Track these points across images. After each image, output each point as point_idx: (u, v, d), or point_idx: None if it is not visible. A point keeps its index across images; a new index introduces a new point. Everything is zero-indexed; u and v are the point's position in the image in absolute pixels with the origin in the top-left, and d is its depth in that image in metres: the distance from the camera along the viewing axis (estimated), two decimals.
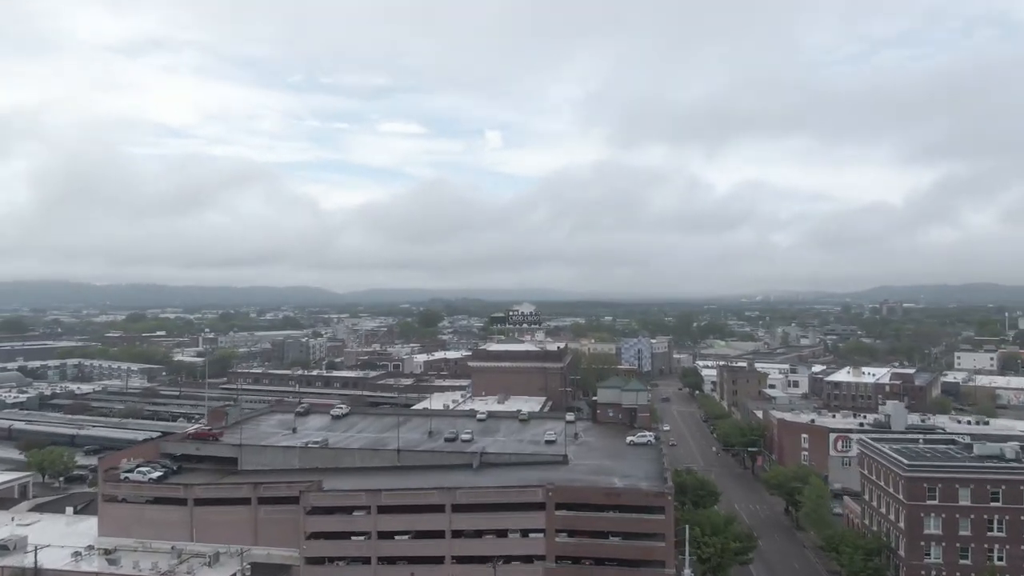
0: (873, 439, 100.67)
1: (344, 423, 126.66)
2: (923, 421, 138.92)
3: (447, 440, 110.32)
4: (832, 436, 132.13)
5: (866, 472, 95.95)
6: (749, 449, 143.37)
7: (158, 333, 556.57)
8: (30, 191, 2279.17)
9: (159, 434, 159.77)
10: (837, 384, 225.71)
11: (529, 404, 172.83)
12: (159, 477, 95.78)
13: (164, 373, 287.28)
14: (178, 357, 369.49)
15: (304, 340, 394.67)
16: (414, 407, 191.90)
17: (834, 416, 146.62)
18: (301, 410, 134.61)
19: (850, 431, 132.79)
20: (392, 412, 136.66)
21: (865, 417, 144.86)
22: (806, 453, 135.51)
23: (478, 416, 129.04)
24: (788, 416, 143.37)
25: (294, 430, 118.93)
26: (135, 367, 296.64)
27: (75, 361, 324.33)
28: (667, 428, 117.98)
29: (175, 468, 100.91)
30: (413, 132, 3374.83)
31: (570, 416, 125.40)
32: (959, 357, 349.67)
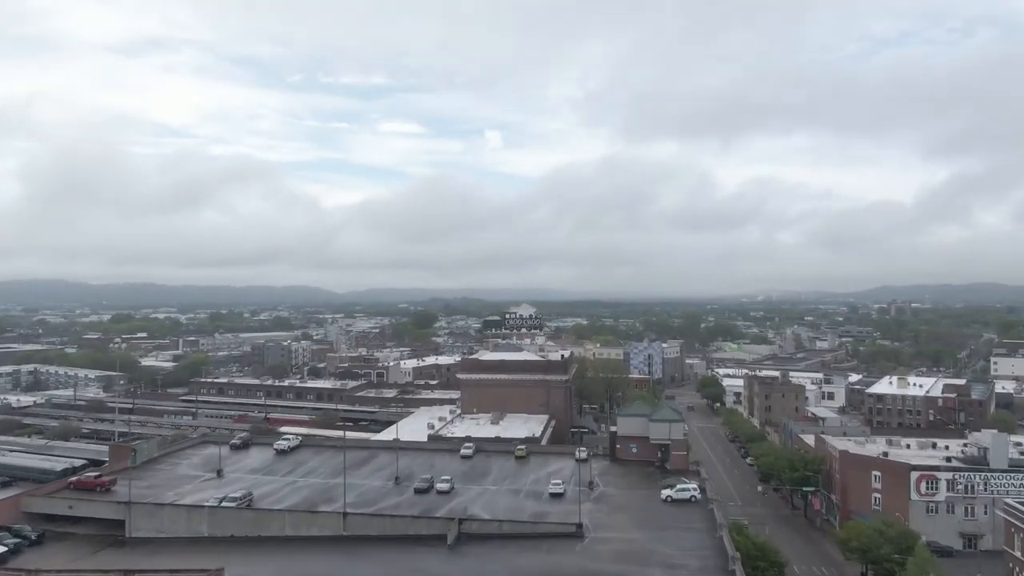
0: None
1: (289, 461, 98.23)
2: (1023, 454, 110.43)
3: (417, 491, 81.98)
4: (914, 475, 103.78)
5: (1019, 554, 67.64)
6: (803, 489, 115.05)
7: (138, 335, 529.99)
8: (27, 190, 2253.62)
9: (83, 462, 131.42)
10: (880, 397, 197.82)
11: (529, 425, 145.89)
12: (1, 554, 67.35)
13: (122, 382, 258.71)
14: (148, 362, 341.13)
15: (286, 344, 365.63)
16: (393, 426, 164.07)
17: (908, 447, 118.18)
18: (237, 442, 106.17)
19: (937, 469, 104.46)
20: (354, 444, 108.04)
21: (947, 448, 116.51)
22: (878, 495, 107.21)
23: (463, 451, 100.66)
24: (852, 447, 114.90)
25: (219, 473, 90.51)
26: (92, 374, 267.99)
27: (31, 367, 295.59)
28: (706, 476, 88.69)
29: (34, 537, 72.51)
30: (413, 132, 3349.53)
31: (582, 452, 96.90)
32: (995, 363, 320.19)
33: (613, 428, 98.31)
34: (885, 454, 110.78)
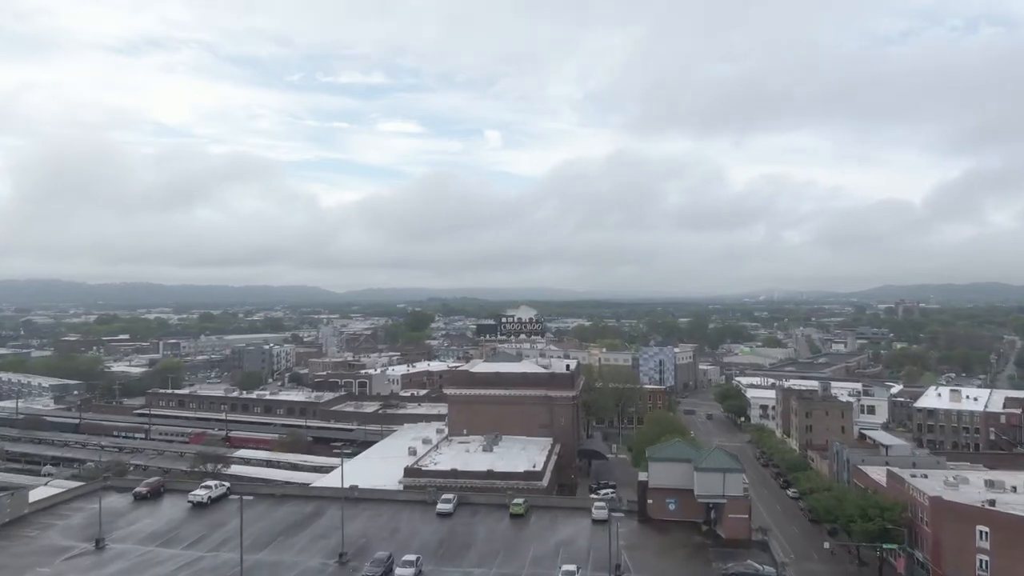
0: None
1: (203, 521, 72.75)
2: None
3: None
4: None
5: None
6: (884, 546, 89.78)
7: (120, 336, 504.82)
8: (24, 189, 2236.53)
9: None
10: (931, 412, 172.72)
11: (528, 452, 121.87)
12: None
13: (76, 392, 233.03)
14: (119, 367, 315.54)
15: (267, 347, 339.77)
16: (366, 451, 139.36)
17: (1015, 489, 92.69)
18: (143, 490, 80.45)
19: None
20: (297, 493, 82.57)
21: None
22: (985, 557, 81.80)
23: (440, 505, 75.33)
24: (944, 491, 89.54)
25: (98, 543, 65.15)
26: (47, 383, 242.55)
27: None
28: (785, 560, 62.94)
29: None
30: (412, 131, 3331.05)
31: (600, 508, 71.56)
32: None
33: (643, 476, 72.80)
34: (992, 502, 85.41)
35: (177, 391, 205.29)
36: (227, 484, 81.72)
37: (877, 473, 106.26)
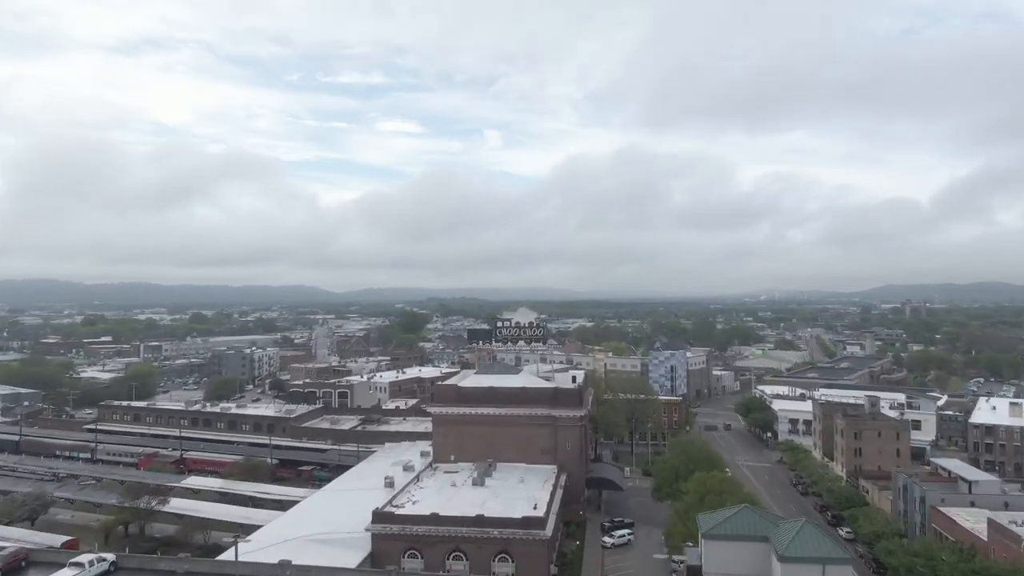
0: None
1: None
2: None
3: None
4: None
5: None
6: None
7: (102, 338, 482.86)
8: (21, 188, 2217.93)
9: None
10: (989, 429, 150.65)
11: (528, 486, 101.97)
12: None
13: (26, 403, 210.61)
14: (89, 373, 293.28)
15: (248, 351, 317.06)
16: (346, 473, 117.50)
17: None
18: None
19: None
20: (207, 569, 60.24)
21: None
22: None
23: None
24: None
25: None
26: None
27: None
28: None
29: None
30: (411, 131, 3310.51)
31: None
32: None
33: (692, 558, 50.42)
34: None
35: (132, 403, 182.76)
36: (110, 557, 59.21)
37: (966, 519, 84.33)
